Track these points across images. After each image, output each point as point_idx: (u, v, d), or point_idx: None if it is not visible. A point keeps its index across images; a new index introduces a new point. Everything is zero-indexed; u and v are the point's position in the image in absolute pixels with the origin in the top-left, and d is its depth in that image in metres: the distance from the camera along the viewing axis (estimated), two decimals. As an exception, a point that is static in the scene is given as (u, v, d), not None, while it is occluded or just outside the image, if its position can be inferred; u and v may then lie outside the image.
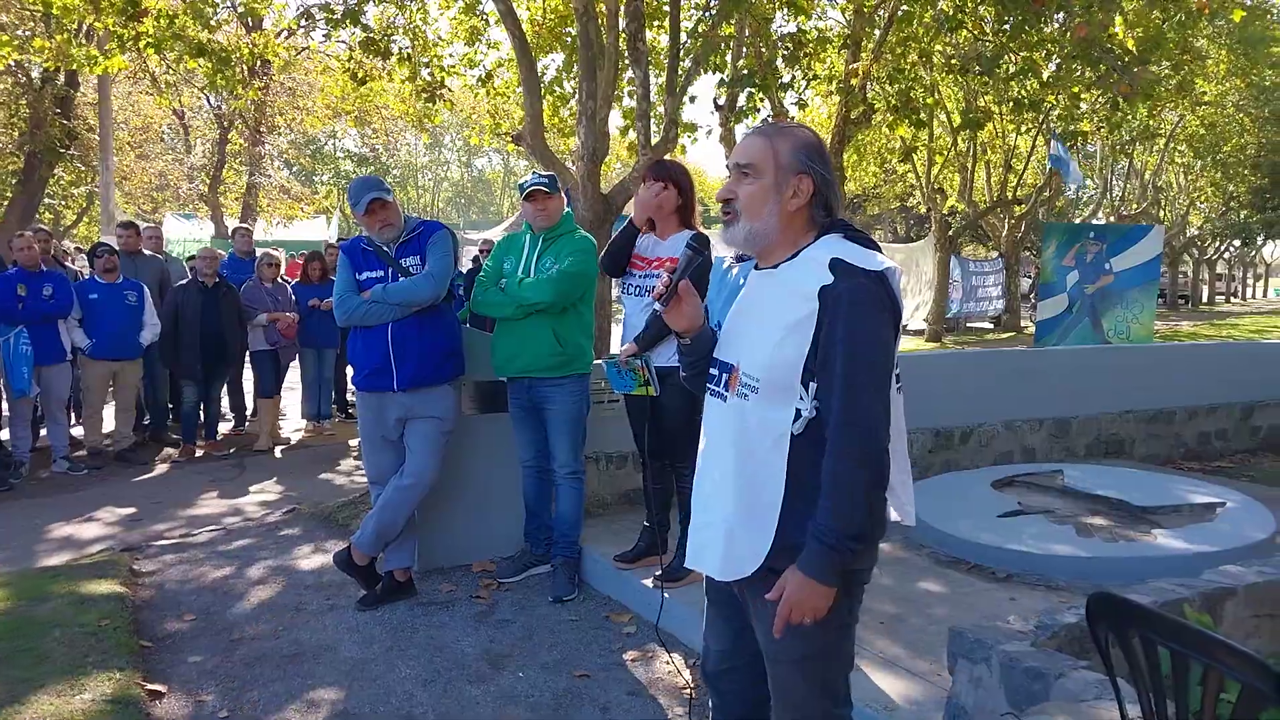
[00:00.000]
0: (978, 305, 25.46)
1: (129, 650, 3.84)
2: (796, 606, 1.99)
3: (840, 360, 1.95)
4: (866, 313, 1.96)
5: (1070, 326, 12.76)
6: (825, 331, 1.97)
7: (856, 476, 1.94)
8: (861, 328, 1.95)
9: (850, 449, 1.94)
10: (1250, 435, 7.78)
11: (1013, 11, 8.67)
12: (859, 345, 1.95)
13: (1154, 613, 1.61)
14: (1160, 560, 4.14)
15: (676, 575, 4.28)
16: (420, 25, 11.30)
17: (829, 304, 1.97)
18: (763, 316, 2.10)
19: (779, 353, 2.02)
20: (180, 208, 24.08)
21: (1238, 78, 17.28)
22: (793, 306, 2.02)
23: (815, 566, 1.97)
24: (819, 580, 1.97)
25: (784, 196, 2.09)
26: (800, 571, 1.98)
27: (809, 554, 1.98)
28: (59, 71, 15.81)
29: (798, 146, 2.11)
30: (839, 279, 1.98)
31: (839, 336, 1.95)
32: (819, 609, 2.00)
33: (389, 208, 4.42)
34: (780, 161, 2.09)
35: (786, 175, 2.09)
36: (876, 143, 21.38)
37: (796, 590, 1.99)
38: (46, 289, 7.23)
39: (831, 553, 1.95)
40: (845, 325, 1.95)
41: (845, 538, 1.94)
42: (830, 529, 1.95)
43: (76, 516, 6.28)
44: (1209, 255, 44.96)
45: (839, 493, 1.95)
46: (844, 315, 1.95)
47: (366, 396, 4.49)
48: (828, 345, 1.97)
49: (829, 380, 1.97)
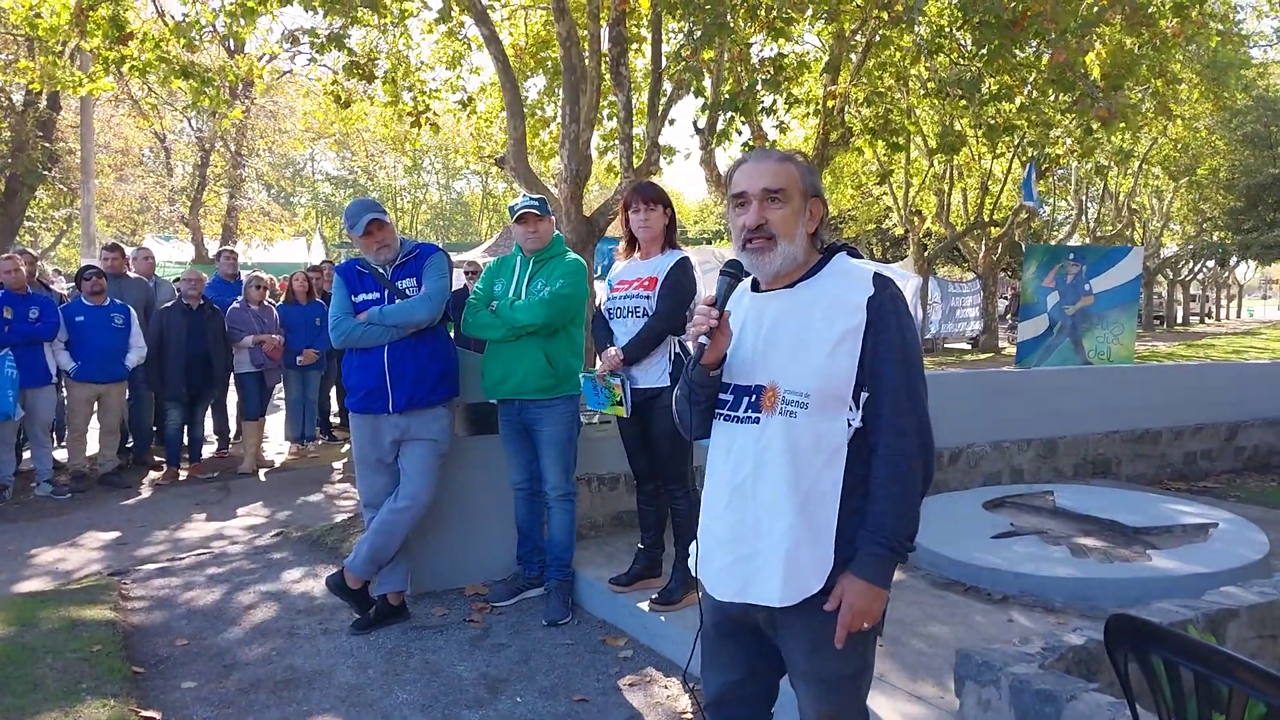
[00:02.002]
0: (956, 326, 25.63)
1: (122, 676, 3.79)
2: (859, 613, 2.00)
3: (897, 366, 2.02)
4: (911, 322, 2.05)
5: (1051, 347, 12.82)
6: (875, 340, 2.02)
7: (915, 478, 2.01)
8: (911, 335, 2.04)
9: (912, 452, 2.01)
10: (1235, 455, 7.86)
11: (990, 36, 8.78)
12: (911, 351, 2.04)
13: (1177, 634, 1.62)
14: (1158, 581, 4.16)
15: (672, 599, 4.28)
16: (404, 50, 11.34)
17: (876, 314, 2.03)
18: (798, 333, 2.10)
19: (832, 364, 2.04)
20: (160, 230, 23.95)
21: (1209, 101, 17.55)
22: (839, 319, 2.05)
23: (875, 571, 2.00)
24: (879, 584, 2.00)
25: (806, 220, 2.15)
26: (859, 578, 2.00)
27: (868, 559, 2.00)
28: (41, 94, 15.74)
29: (808, 171, 2.18)
30: (879, 290, 2.04)
31: (895, 344, 2.02)
32: (877, 614, 2.03)
33: (386, 229, 4.42)
34: (802, 186, 2.15)
35: (806, 198, 2.15)
36: (853, 165, 21.56)
37: (859, 597, 2.00)
38: (32, 311, 7.18)
39: (892, 555, 2.00)
40: (898, 333, 2.02)
41: (905, 539, 2.00)
42: (892, 531, 1.99)
43: (62, 541, 6.21)
44: (1183, 276, 45.46)
45: (900, 495, 2.00)
46: (894, 324, 2.03)
47: (361, 419, 4.46)
48: (883, 353, 2.02)
49: (882, 387, 2.02)
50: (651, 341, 4.19)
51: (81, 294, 7.71)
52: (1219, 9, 14.59)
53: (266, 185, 27.25)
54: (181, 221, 22.16)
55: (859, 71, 11.90)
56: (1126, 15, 8.41)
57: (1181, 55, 14.37)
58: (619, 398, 4.21)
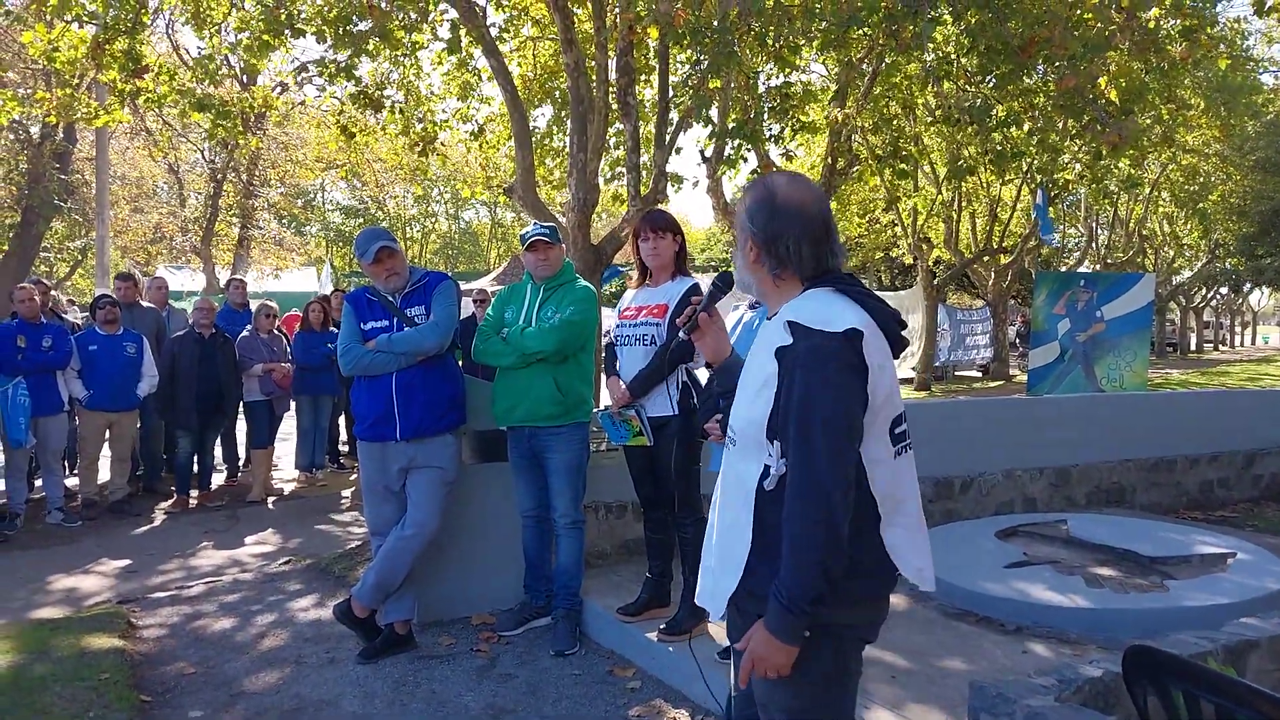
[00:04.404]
0: (966, 354, 25.53)
1: (129, 705, 3.78)
2: (758, 660, 2.01)
3: (794, 423, 1.96)
4: (820, 375, 1.95)
5: (1063, 375, 12.77)
6: (783, 393, 1.99)
7: (809, 539, 1.93)
8: (814, 390, 1.95)
9: (803, 511, 1.94)
10: (1253, 484, 7.76)
11: (999, 62, 8.80)
12: (811, 408, 1.94)
13: (1197, 666, 1.59)
14: (1176, 612, 4.10)
15: (681, 628, 4.23)
16: (413, 80, 11.44)
17: (785, 366, 2.00)
18: (749, 370, 2.15)
19: (750, 409, 2.07)
20: (173, 259, 24.12)
21: (1217, 127, 17.55)
22: (761, 365, 2.07)
23: (775, 623, 1.98)
24: (779, 637, 1.97)
25: (745, 254, 2.18)
26: (764, 627, 2.00)
27: (770, 611, 1.99)
28: (58, 127, 15.92)
29: (747, 206, 2.18)
30: (795, 340, 1.99)
31: (793, 400, 1.97)
32: (781, 666, 2.00)
33: (396, 257, 4.44)
34: (739, 221, 2.19)
35: (742, 234, 2.18)
36: (859, 193, 21.58)
37: (758, 645, 2.01)
38: (46, 340, 7.22)
39: (786, 613, 1.95)
40: (799, 388, 1.96)
41: (798, 600, 1.94)
42: (787, 589, 1.95)
43: (73, 568, 6.21)
44: (1196, 303, 45.26)
45: (791, 555, 1.95)
46: (798, 378, 1.96)
47: (369, 446, 4.46)
48: (785, 407, 1.99)
49: (786, 444, 1.99)
50: (659, 375, 4.17)
51: (95, 323, 7.75)
52: (1228, 33, 14.61)
53: (278, 215, 27.39)
54: (193, 251, 22.34)
55: (866, 98, 11.93)
56: (1137, 40, 8.41)
57: (1190, 80, 14.37)
58: (638, 429, 4.21)
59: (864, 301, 2.07)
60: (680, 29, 7.63)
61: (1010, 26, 8.14)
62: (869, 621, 2.14)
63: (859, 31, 8.58)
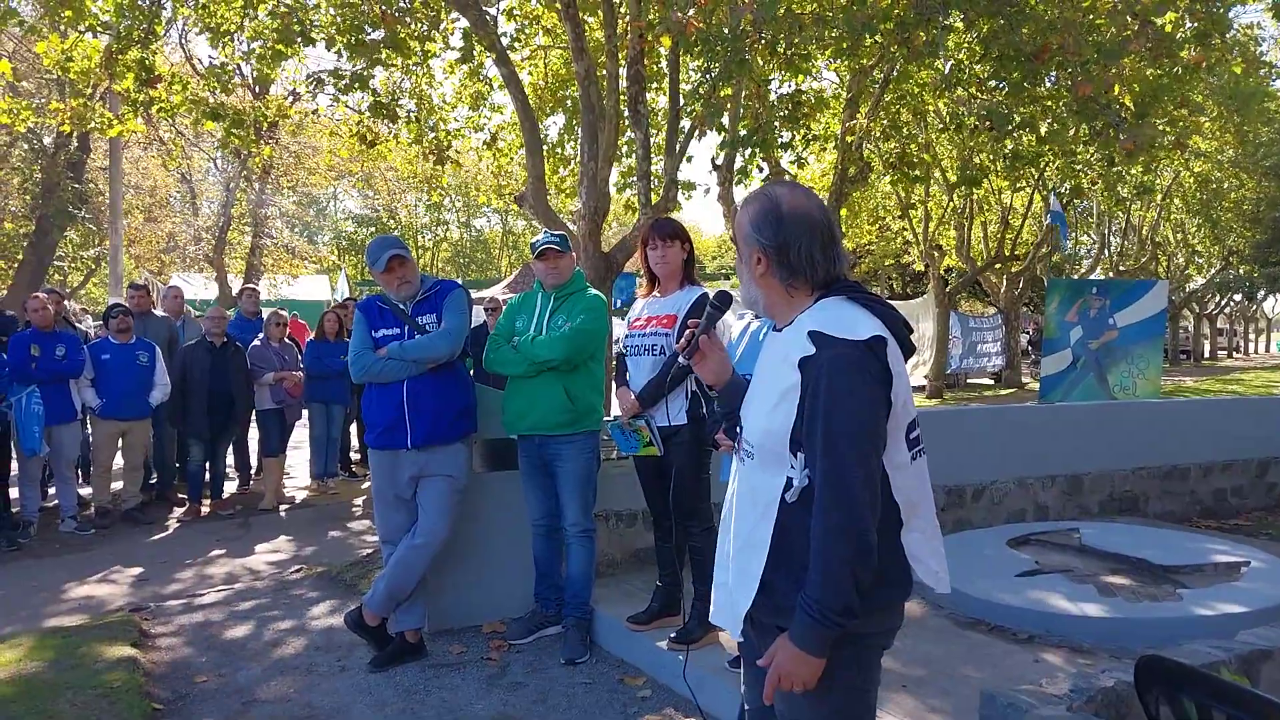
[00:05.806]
0: (977, 361, 25.45)
1: (141, 713, 3.79)
2: (785, 675, 1.98)
3: (820, 433, 1.94)
4: (846, 383, 1.94)
5: (1075, 382, 12.71)
6: (808, 403, 1.97)
7: (838, 551, 1.92)
8: (840, 399, 1.93)
9: (834, 522, 1.92)
10: (1266, 492, 7.71)
11: (1011, 69, 8.77)
12: (837, 418, 1.92)
13: (1210, 676, 1.58)
14: (1189, 621, 4.07)
15: (692, 637, 4.22)
16: (426, 90, 11.49)
17: (809, 375, 1.97)
18: (763, 381, 2.13)
19: (770, 421, 2.04)
20: (186, 268, 24.20)
21: (1229, 134, 17.46)
22: (782, 375, 2.03)
23: (802, 636, 1.96)
24: (806, 650, 1.95)
25: (752, 267, 2.14)
26: (790, 641, 1.98)
27: (797, 624, 1.96)
28: (72, 136, 16.04)
29: (751, 218, 2.13)
30: (820, 350, 1.97)
31: (819, 409, 1.94)
32: (808, 679, 1.98)
33: (407, 265, 4.46)
34: (742, 234, 2.14)
35: (748, 247, 2.14)
36: (871, 200, 21.54)
37: (785, 660, 1.98)
38: (59, 349, 7.26)
39: (817, 625, 1.93)
40: (825, 398, 1.94)
41: (829, 611, 1.92)
42: (814, 602, 1.93)
43: (86, 576, 6.23)
44: (1209, 310, 45.03)
45: (821, 567, 1.93)
46: (823, 388, 1.94)
47: (380, 454, 4.47)
48: (810, 417, 1.96)
49: (809, 456, 1.97)
50: (667, 386, 4.17)
51: (108, 332, 7.79)
52: (1241, 38, 14.54)
53: (290, 223, 27.48)
54: (206, 260, 22.44)
55: (877, 106, 11.92)
56: (1151, 45, 8.37)
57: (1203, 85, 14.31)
58: (648, 439, 4.21)
59: (875, 308, 2.06)
60: (692, 37, 7.63)
61: (1023, 33, 8.12)
62: (888, 629, 2.13)
63: (871, 39, 8.58)
